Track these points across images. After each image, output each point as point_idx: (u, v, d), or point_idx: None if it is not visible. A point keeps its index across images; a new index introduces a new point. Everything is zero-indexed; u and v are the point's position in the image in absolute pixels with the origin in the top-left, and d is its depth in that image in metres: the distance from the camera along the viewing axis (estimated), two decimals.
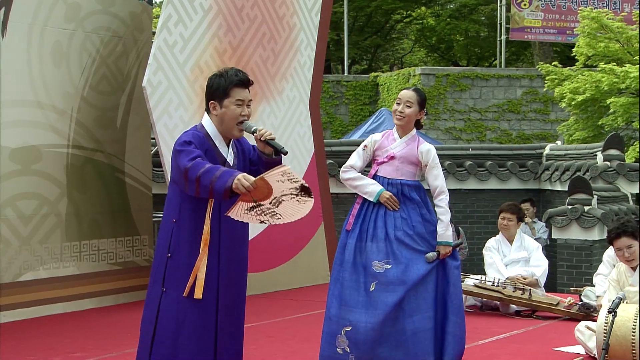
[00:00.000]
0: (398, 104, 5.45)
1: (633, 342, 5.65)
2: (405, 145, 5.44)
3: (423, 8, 33.55)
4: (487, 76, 23.10)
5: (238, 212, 4.30)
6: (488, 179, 13.91)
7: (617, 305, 5.58)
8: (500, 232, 8.72)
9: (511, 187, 13.93)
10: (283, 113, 9.41)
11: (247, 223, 4.53)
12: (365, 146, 5.53)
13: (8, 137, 7.64)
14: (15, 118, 7.70)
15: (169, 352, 4.36)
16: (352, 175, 5.48)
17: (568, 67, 18.65)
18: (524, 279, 8.25)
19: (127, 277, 8.54)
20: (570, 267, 11.41)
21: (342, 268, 5.39)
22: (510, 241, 8.64)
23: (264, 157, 4.51)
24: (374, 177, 5.44)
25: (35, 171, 7.88)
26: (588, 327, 6.22)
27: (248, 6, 8.92)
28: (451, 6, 33.49)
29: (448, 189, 13.95)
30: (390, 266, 5.26)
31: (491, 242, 8.71)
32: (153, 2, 9.41)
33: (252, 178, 4.21)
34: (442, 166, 13.41)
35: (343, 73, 28.19)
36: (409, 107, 5.43)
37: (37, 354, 6.35)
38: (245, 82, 4.51)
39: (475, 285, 8.15)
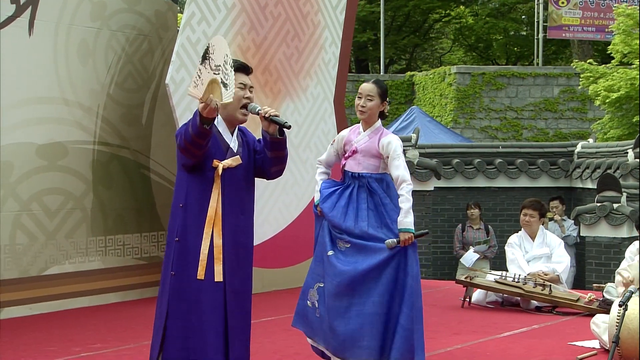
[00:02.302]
0: (359, 97, 5.47)
1: None
2: (368, 138, 5.46)
3: (462, 7, 33.47)
4: (524, 75, 23.01)
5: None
6: (518, 176, 13.88)
7: (628, 298, 5.58)
8: (522, 229, 8.73)
9: (542, 185, 13.88)
10: (307, 110, 9.48)
11: (251, 212, 4.63)
12: (334, 141, 5.65)
13: (35, 133, 7.80)
14: (42, 115, 7.85)
15: (182, 331, 4.47)
16: (317, 176, 5.66)
17: (603, 65, 18.54)
18: (545, 275, 8.26)
19: (152, 272, 8.65)
20: (598, 264, 11.36)
21: (320, 232, 5.52)
22: (533, 237, 8.65)
23: (268, 137, 4.58)
24: (343, 171, 5.53)
25: (62, 167, 8.03)
26: (603, 321, 6.22)
27: (272, 4, 9.00)
28: (491, 5, 33.36)
29: (478, 187, 14.03)
30: (349, 245, 5.30)
31: (513, 239, 8.72)
32: (178, 0, 9.54)
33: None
34: (472, 164, 13.76)
35: (380, 73, 28.21)
36: (370, 100, 5.43)
37: (57, 345, 6.49)
38: (244, 68, 4.64)
39: (496, 281, 8.17)
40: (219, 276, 4.47)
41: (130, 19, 8.58)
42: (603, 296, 7.92)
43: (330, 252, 5.34)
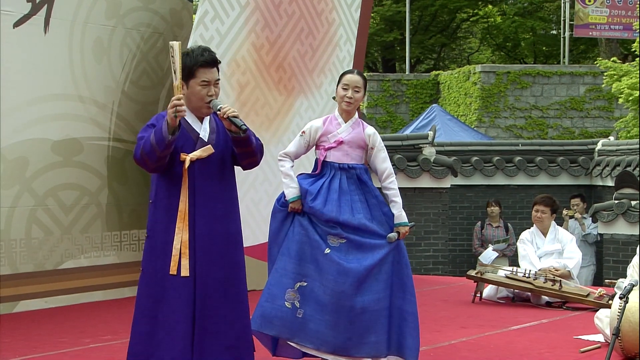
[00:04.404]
0: (345, 89, 5.38)
1: None
2: (352, 129, 5.40)
3: (490, 6, 33.38)
4: (549, 73, 22.90)
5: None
6: (538, 174, 13.87)
7: (629, 291, 5.59)
8: (534, 225, 8.75)
9: (561, 183, 13.86)
10: (321, 107, 9.54)
11: (231, 200, 4.64)
12: (303, 132, 5.47)
13: (50, 129, 7.93)
14: (58, 111, 7.98)
15: (147, 329, 4.44)
16: (283, 169, 5.42)
17: (627, 63, 18.44)
18: (556, 270, 8.27)
19: None
20: (616, 262, 11.33)
21: (296, 230, 5.32)
22: (545, 233, 8.67)
23: (231, 135, 4.53)
24: (324, 163, 5.38)
25: (77, 163, 8.15)
26: (606, 315, 6.23)
27: (286, 2, 9.06)
28: (518, 4, 33.22)
29: (497, 185, 14.03)
30: (344, 240, 5.22)
31: (525, 235, 8.75)
32: None
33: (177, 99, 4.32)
34: (491, 162, 13.74)
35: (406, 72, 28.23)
36: (357, 92, 5.39)
37: (68, 336, 6.62)
38: (211, 62, 4.53)
39: (507, 277, 8.18)
40: (185, 271, 4.41)
41: (145, 17, 8.68)
42: (615, 292, 7.93)
43: (327, 250, 5.23)
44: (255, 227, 8.77)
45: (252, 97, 8.72)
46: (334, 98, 5.58)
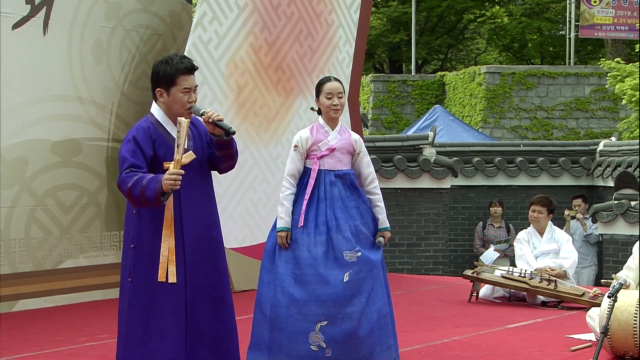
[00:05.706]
0: (330, 97, 5.37)
1: (635, 327, 5.71)
2: (340, 136, 5.44)
3: (497, 7, 33.39)
4: (554, 74, 22.90)
5: None
6: (539, 175, 13.89)
7: (618, 290, 5.64)
8: (531, 225, 8.79)
9: (563, 184, 13.88)
10: None
11: (211, 204, 4.68)
12: (296, 146, 5.41)
13: (50, 130, 8.00)
14: (57, 112, 8.05)
15: (140, 337, 4.48)
16: (281, 195, 5.37)
17: (631, 64, 18.45)
18: (552, 270, 8.31)
19: None
20: (616, 262, 11.35)
21: (300, 265, 5.25)
22: (541, 233, 8.71)
23: (214, 139, 4.57)
24: (319, 172, 5.36)
25: (76, 163, 8.22)
26: (597, 314, 6.27)
27: (285, 3, 9.12)
28: (525, 5, 33.22)
29: (498, 185, 14.08)
30: (360, 253, 5.24)
31: (522, 235, 8.80)
32: (192, 1, 9.71)
33: (170, 172, 4.32)
34: (493, 162, 13.77)
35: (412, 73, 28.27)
36: (341, 97, 5.42)
37: (65, 335, 6.70)
38: (191, 69, 4.58)
39: (503, 277, 8.22)
40: (172, 277, 4.42)
41: (144, 19, 8.75)
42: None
43: (346, 278, 5.17)
44: (254, 227, 8.84)
45: (251, 98, 8.78)
46: (312, 109, 5.61)
